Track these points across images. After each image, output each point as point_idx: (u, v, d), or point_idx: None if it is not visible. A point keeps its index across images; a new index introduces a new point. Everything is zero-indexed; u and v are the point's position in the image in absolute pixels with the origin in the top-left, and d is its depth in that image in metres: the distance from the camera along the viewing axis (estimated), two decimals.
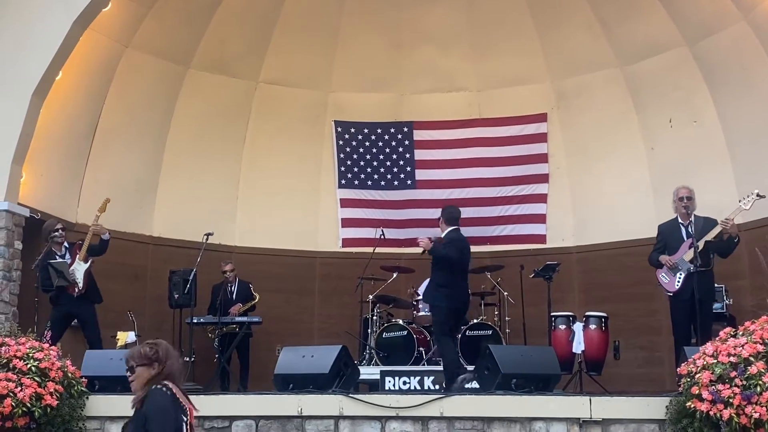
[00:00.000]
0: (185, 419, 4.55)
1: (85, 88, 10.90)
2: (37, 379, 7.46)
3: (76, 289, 9.60)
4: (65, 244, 9.76)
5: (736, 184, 10.89)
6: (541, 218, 12.62)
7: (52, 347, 7.95)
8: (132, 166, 11.78)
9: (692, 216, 9.00)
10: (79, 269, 9.65)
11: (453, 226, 9.39)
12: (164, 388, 4.52)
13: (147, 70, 11.58)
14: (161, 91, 11.93)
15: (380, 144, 13.09)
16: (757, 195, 8.75)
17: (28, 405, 7.33)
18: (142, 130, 11.84)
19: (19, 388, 7.33)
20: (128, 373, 4.63)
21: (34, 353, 7.65)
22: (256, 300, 11.27)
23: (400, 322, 11.11)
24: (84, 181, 11.17)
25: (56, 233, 9.65)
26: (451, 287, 9.23)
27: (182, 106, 12.08)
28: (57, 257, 9.61)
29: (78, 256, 9.69)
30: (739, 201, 8.95)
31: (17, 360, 7.52)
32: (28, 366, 7.50)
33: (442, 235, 9.39)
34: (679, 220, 9.06)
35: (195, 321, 10.53)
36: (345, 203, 13.04)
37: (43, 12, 9.89)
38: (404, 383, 9.68)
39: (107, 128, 11.29)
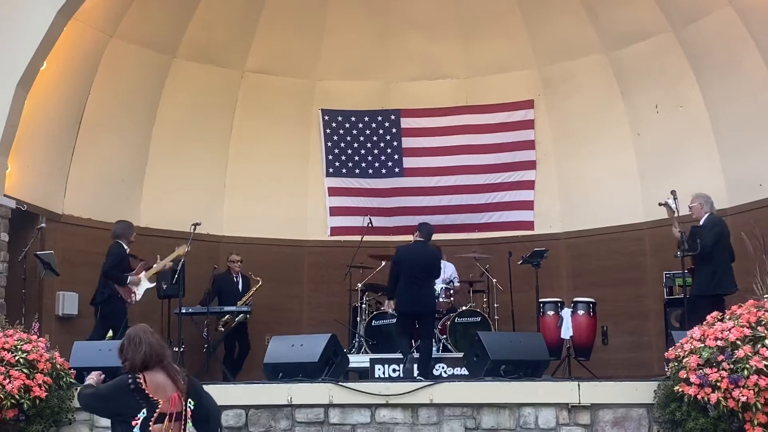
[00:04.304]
0: (146, 412, 4.53)
1: (70, 78, 10.82)
2: (25, 371, 7.44)
3: (132, 299, 9.86)
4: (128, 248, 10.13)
5: (722, 168, 10.94)
6: (528, 205, 12.63)
7: (40, 339, 7.93)
8: (118, 156, 11.72)
9: (702, 221, 9.26)
10: (144, 286, 10.01)
11: (420, 239, 9.94)
12: (130, 379, 4.56)
13: (132, 60, 11.51)
14: (147, 81, 11.86)
15: (367, 132, 13.07)
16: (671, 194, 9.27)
17: (17, 397, 7.32)
18: (128, 120, 11.77)
19: (8, 380, 7.33)
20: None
21: (22, 345, 7.63)
22: (260, 284, 11.29)
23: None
24: (70, 171, 11.11)
25: (133, 239, 10.21)
26: (399, 294, 9.73)
27: (168, 96, 12.02)
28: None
29: (145, 274, 10.06)
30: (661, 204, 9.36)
31: (5, 352, 7.52)
32: (17, 358, 7.50)
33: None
34: None
35: (183, 311, 10.51)
36: (333, 192, 13.02)
37: (27, 2, 9.80)
38: (394, 371, 9.74)
39: (93, 119, 11.22)
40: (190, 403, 4.66)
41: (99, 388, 4.79)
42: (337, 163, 13.04)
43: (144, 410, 4.54)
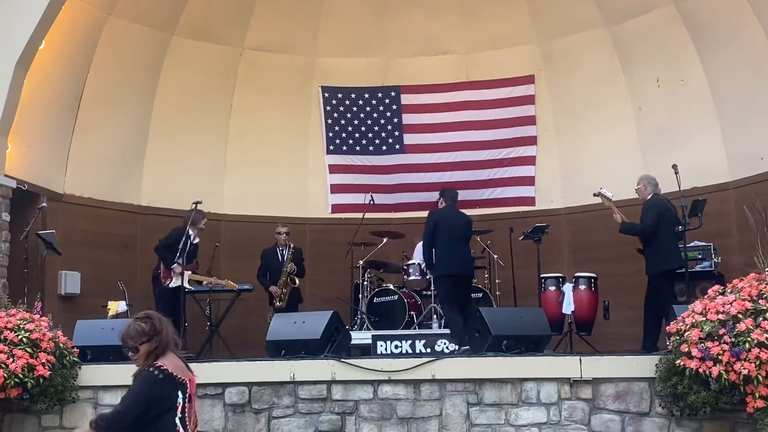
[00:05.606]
0: (182, 395, 4.55)
1: (69, 57, 10.77)
2: (28, 350, 7.46)
3: (166, 283, 10.32)
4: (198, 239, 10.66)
5: (723, 141, 10.89)
6: (529, 180, 12.62)
7: (43, 318, 7.94)
8: (118, 135, 11.69)
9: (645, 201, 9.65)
10: (180, 281, 10.17)
11: (447, 204, 10.05)
12: (156, 371, 4.52)
13: (131, 38, 11.45)
14: (146, 59, 11.81)
15: (368, 109, 13.03)
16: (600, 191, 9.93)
17: (21, 376, 7.34)
18: (127, 99, 11.73)
19: (11, 360, 7.35)
20: (131, 354, 4.65)
21: (25, 324, 7.64)
22: (292, 248, 11.30)
23: (391, 286, 11.16)
24: (70, 151, 11.09)
25: (202, 224, 10.71)
26: (441, 257, 9.64)
27: (167, 74, 11.98)
28: (191, 242, 10.22)
29: (191, 274, 10.38)
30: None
31: (8, 331, 7.52)
32: (20, 337, 7.50)
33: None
34: None
35: (186, 290, 10.51)
36: (333, 169, 13.00)
37: None
38: (396, 347, 9.70)
39: (92, 98, 11.19)
40: None
41: (126, 401, 4.56)
42: (337, 141, 13.01)
43: (180, 394, 4.55)
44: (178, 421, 4.52)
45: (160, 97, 11.98)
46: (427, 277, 10.62)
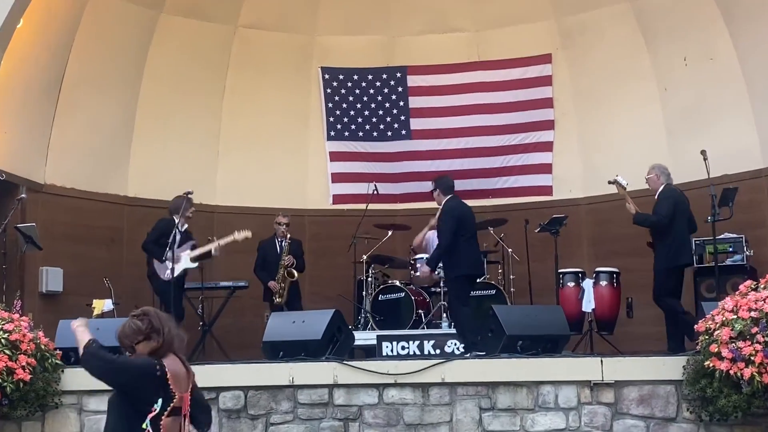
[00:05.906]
0: (161, 405, 4.53)
1: (50, 36, 10.78)
2: (7, 352, 7.47)
3: (166, 276, 10.05)
4: (186, 225, 10.54)
5: (755, 124, 10.86)
6: (546, 168, 12.61)
7: (23, 318, 7.96)
8: (103, 120, 11.71)
9: (656, 194, 9.61)
10: (182, 266, 10.23)
11: (449, 195, 9.62)
12: (158, 365, 4.53)
13: (116, 16, 11.45)
14: (132, 39, 11.82)
15: (371, 91, 13.03)
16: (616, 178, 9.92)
17: None
18: (112, 81, 11.74)
19: None
20: (128, 354, 4.65)
21: (3, 325, 7.65)
22: (289, 238, 11.22)
23: (397, 283, 11.17)
24: (51, 137, 11.11)
25: (189, 213, 10.53)
26: (461, 256, 9.40)
27: (155, 55, 11.98)
28: (177, 231, 10.02)
29: (189, 253, 10.36)
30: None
31: None
32: None
33: (442, 204, 9.59)
34: None
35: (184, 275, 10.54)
36: (335, 157, 13.01)
37: None
38: (402, 348, 9.76)
39: (74, 80, 11.20)
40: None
41: (121, 359, 4.62)
42: (339, 126, 13.02)
43: (160, 401, 4.53)
44: (148, 425, 4.50)
45: (148, 79, 11.99)
46: (437, 273, 10.61)
